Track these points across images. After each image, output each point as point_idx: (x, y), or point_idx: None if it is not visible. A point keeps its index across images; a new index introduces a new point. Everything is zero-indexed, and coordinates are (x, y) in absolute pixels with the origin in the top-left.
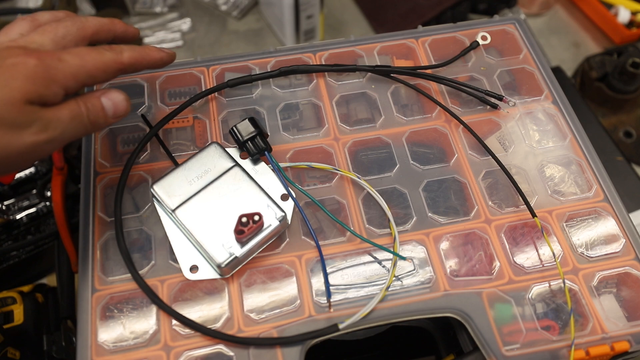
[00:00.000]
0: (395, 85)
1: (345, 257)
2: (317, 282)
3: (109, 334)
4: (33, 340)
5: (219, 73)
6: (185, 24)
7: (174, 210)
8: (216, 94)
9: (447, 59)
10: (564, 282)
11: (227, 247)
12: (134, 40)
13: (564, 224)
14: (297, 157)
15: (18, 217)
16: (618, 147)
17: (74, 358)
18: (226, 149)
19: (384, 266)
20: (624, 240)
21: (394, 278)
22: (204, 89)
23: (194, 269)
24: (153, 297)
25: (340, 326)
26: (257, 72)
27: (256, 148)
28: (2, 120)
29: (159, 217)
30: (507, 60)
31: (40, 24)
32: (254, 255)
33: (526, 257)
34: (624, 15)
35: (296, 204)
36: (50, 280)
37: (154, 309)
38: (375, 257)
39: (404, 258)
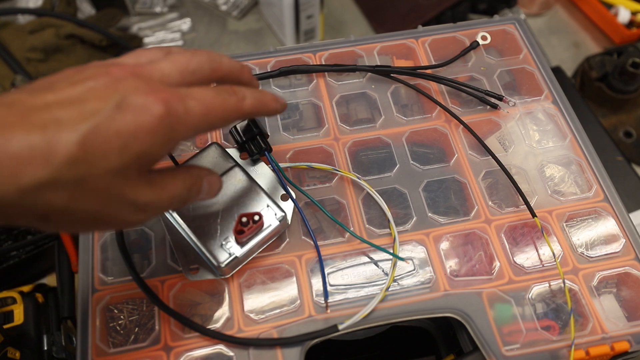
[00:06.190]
0: (395, 85)
1: (345, 257)
2: (317, 282)
3: (109, 334)
4: (33, 341)
5: None
6: (185, 24)
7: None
8: None
9: (447, 59)
10: (564, 282)
11: (227, 247)
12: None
13: (564, 224)
14: (297, 157)
15: None
16: (618, 147)
17: (74, 358)
18: (226, 149)
19: (384, 266)
20: (624, 240)
21: (394, 278)
22: None
23: (194, 269)
24: (153, 298)
25: (340, 327)
26: (257, 72)
27: (256, 148)
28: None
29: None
30: (507, 60)
31: (173, 53)
32: (254, 255)
33: (526, 257)
34: (624, 15)
35: (295, 205)
36: (51, 280)
37: (154, 309)
38: (375, 258)
39: (402, 259)
